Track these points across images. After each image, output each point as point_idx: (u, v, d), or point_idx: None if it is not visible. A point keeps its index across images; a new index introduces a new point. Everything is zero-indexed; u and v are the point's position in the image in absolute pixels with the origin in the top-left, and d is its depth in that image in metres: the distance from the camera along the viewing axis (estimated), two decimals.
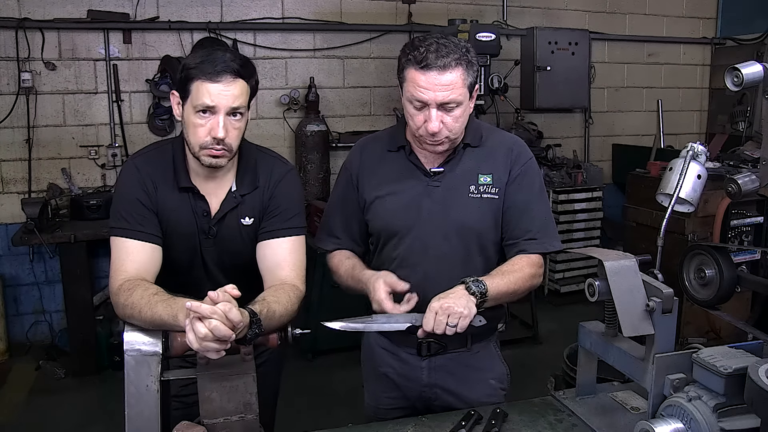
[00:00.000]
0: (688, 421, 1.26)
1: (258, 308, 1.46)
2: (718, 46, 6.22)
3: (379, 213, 1.80)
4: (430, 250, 1.75)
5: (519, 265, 1.72)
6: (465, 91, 1.63)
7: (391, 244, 1.80)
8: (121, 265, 1.59)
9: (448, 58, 1.59)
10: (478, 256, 1.77)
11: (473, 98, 1.70)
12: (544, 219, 1.79)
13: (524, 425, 1.60)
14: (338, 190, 1.90)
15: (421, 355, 1.80)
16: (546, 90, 5.31)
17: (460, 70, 1.61)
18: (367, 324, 1.59)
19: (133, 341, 1.40)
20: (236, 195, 1.72)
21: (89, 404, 3.63)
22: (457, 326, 1.52)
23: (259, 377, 1.50)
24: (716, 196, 3.49)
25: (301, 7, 4.89)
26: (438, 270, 1.73)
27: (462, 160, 1.76)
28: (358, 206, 1.84)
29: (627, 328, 1.37)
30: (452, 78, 1.60)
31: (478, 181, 1.74)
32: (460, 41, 1.65)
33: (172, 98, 1.66)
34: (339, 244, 1.87)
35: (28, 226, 3.79)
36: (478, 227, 1.75)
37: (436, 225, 1.74)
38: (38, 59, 4.31)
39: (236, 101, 1.59)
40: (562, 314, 4.89)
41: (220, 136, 1.58)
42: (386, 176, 1.80)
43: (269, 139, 4.79)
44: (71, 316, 4.00)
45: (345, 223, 1.87)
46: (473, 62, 1.64)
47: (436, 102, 1.61)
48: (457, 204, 1.74)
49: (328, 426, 1.66)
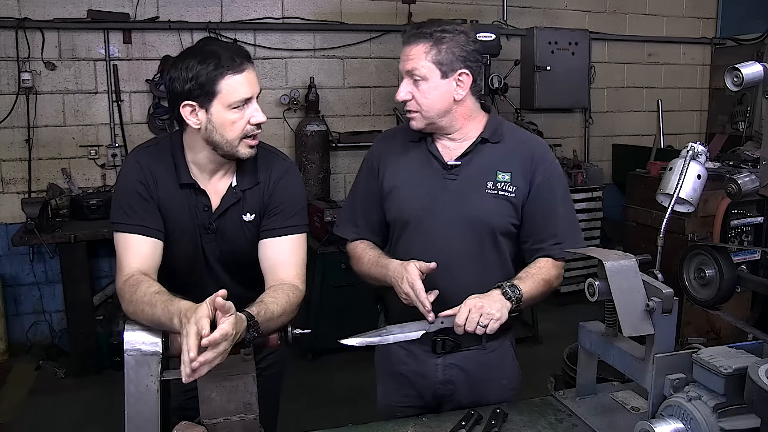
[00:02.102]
0: (688, 421, 1.26)
1: (255, 311, 1.46)
2: (718, 46, 6.21)
3: (396, 202, 1.82)
4: (443, 242, 1.76)
5: (546, 269, 1.75)
6: (430, 65, 1.68)
7: (405, 235, 1.82)
8: (125, 260, 1.60)
9: (418, 30, 1.71)
10: (493, 251, 1.78)
11: (456, 81, 1.71)
12: (569, 222, 1.82)
13: (524, 425, 1.60)
14: (360, 179, 1.94)
15: (436, 353, 1.81)
16: (546, 90, 5.31)
17: (423, 44, 1.69)
18: (383, 336, 1.62)
19: (133, 341, 1.40)
20: (237, 190, 1.71)
21: (89, 404, 3.63)
22: (487, 327, 1.56)
23: (260, 382, 1.50)
24: (716, 196, 3.49)
25: (301, 7, 4.89)
26: (451, 263, 1.74)
27: (481, 155, 1.78)
28: (378, 196, 1.86)
29: (627, 328, 1.37)
30: (415, 50, 1.69)
31: (496, 178, 1.76)
32: (448, 24, 1.73)
33: (184, 110, 1.58)
34: (358, 233, 1.91)
35: (28, 226, 3.79)
36: (494, 223, 1.76)
37: (451, 218, 1.76)
38: (38, 59, 4.31)
39: (258, 85, 1.63)
40: (562, 314, 4.89)
41: (263, 120, 1.63)
42: (405, 166, 1.82)
43: (269, 139, 4.74)
44: (71, 316, 4.00)
45: (365, 213, 1.90)
46: (449, 43, 1.69)
47: (404, 71, 1.73)
48: (473, 198, 1.76)
49: (328, 426, 1.66)
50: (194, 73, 1.55)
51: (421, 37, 1.69)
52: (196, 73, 1.54)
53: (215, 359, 1.30)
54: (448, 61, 1.69)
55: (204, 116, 1.59)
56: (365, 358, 2.03)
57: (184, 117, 1.60)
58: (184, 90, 1.57)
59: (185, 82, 1.56)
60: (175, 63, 1.59)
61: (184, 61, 1.57)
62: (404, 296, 1.64)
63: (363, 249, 1.87)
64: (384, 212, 1.86)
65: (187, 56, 1.58)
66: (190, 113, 1.59)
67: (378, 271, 1.77)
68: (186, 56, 1.59)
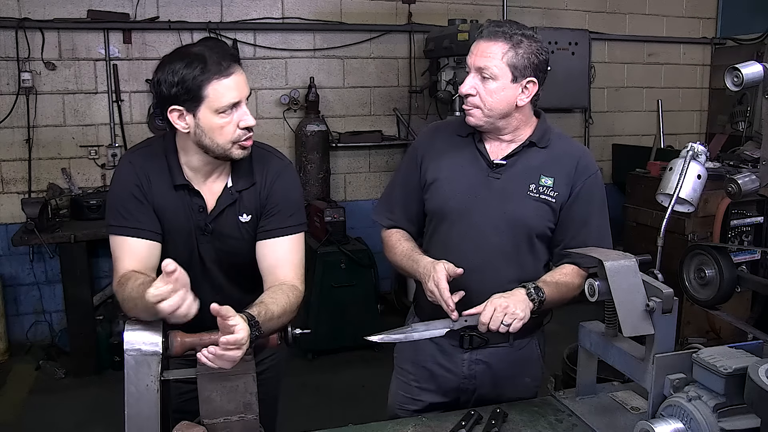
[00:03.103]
0: (688, 421, 1.26)
1: (256, 311, 1.46)
2: (718, 46, 6.21)
3: (436, 194, 1.83)
4: (480, 239, 1.77)
5: (571, 276, 1.76)
6: (504, 66, 1.68)
7: (443, 228, 1.82)
8: (121, 263, 1.59)
9: (499, 30, 1.68)
10: (528, 253, 1.79)
11: (522, 88, 1.72)
12: (601, 233, 1.82)
13: (524, 425, 1.61)
14: (402, 168, 1.96)
15: (463, 348, 1.83)
16: (546, 90, 5.26)
17: (503, 44, 1.67)
18: (408, 334, 1.63)
19: (133, 341, 1.40)
20: (233, 191, 1.70)
21: (89, 404, 3.62)
22: (510, 326, 1.56)
23: (260, 383, 1.50)
24: (716, 196, 3.49)
25: (301, 7, 4.89)
26: (486, 261, 1.75)
27: (527, 157, 1.79)
28: (419, 186, 1.87)
29: (627, 328, 1.37)
30: (493, 48, 1.68)
31: (539, 182, 1.77)
32: (527, 29, 1.71)
33: (172, 115, 1.56)
34: (394, 221, 1.92)
35: (28, 226, 3.80)
36: (532, 225, 1.77)
37: (490, 216, 1.76)
38: (38, 59, 4.31)
39: (248, 87, 1.59)
40: (562, 314, 4.87)
41: (252, 124, 1.59)
42: (450, 160, 1.83)
43: (269, 139, 4.78)
44: (71, 316, 4.00)
45: (404, 202, 1.91)
46: (527, 49, 1.69)
47: (474, 66, 1.71)
48: (514, 199, 1.76)
49: (328, 426, 1.66)
50: (179, 78, 1.51)
51: (502, 36, 1.67)
52: (182, 78, 1.50)
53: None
54: (522, 66, 1.69)
55: (192, 121, 1.56)
56: (365, 358, 2.03)
57: (172, 121, 1.57)
58: (171, 94, 1.53)
59: (171, 86, 1.52)
60: (162, 65, 1.55)
61: (171, 65, 1.52)
62: (429, 294, 1.66)
63: (398, 239, 1.88)
64: (423, 203, 1.87)
65: (174, 59, 1.54)
66: (177, 118, 1.57)
67: (409, 264, 1.79)
68: (172, 59, 1.54)
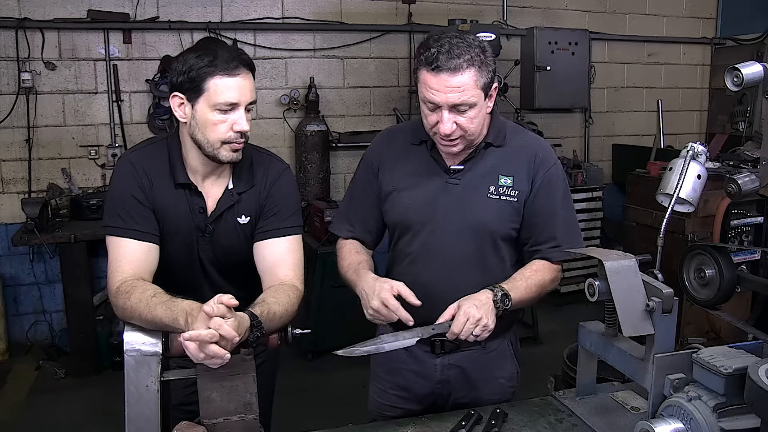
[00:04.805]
0: (688, 421, 1.26)
1: (258, 311, 1.46)
2: (718, 46, 6.22)
3: (396, 206, 1.79)
4: (444, 247, 1.74)
5: (542, 272, 1.73)
6: (478, 92, 1.61)
7: (405, 239, 1.80)
8: (118, 266, 1.57)
9: (460, 59, 1.56)
10: (493, 257, 1.77)
11: (491, 97, 1.68)
12: (569, 225, 1.79)
13: (524, 425, 1.60)
14: (358, 179, 1.90)
15: (435, 353, 1.81)
16: (546, 90, 5.31)
17: (472, 72, 1.58)
18: (378, 345, 1.58)
19: (133, 341, 1.40)
20: (233, 193, 1.70)
21: (89, 404, 3.62)
22: (479, 337, 1.56)
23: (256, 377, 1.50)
24: (716, 196, 3.49)
25: (301, 7, 4.89)
26: (451, 268, 1.73)
27: (483, 159, 1.75)
28: (376, 196, 1.84)
29: (627, 328, 1.37)
30: (463, 80, 1.57)
31: (498, 182, 1.73)
32: (474, 40, 1.62)
33: (173, 100, 1.61)
34: (353, 232, 1.88)
35: (28, 226, 3.80)
36: (495, 228, 1.74)
37: (452, 223, 1.73)
38: (38, 59, 4.31)
39: (253, 95, 1.60)
40: (562, 314, 4.89)
41: (245, 129, 1.59)
42: (406, 169, 1.79)
43: (269, 139, 4.79)
44: (71, 316, 4.00)
45: (362, 213, 1.87)
46: (488, 62, 1.62)
47: (447, 104, 1.59)
48: (474, 203, 1.73)
49: (328, 426, 1.66)
50: (188, 67, 1.56)
51: (465, 64, 1.57)
52: (190, 67, 1.55)
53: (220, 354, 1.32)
54: (488, 80, 1.63)
55: (189, 111, 1.59)
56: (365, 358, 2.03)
57: (173, 107, 1.61)
58: (177, 81, 1.58)
59: (180, 74, 1.57)
60: (180, 54, 1.63)
61: (187, 54, 1.59)
62: (371, 312, 1.61)
63: (348, 251, 1.84)
64: (381, 213, 1.84)
65: (191, 50, 1.61)
66: (178, 105, 1.61)
67: (353, 278, 1.74)
68: (191, 50, 1.61)
